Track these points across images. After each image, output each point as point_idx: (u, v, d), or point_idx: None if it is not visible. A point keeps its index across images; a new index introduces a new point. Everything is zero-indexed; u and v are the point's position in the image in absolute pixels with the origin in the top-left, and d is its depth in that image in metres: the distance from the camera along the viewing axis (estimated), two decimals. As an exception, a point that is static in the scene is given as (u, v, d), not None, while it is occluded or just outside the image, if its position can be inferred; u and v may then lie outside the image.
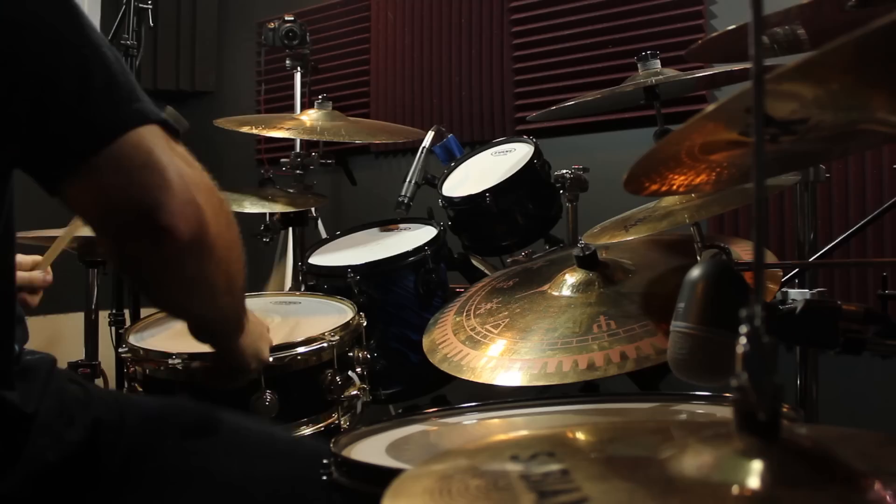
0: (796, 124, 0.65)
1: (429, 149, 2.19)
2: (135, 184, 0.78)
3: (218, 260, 0.87)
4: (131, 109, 0.80)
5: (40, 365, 0.98)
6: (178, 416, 1.09)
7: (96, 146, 0.77)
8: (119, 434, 0.99)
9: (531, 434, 0.62)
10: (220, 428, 1.09)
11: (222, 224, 0.87)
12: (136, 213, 0.79)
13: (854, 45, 0.51)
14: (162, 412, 1.10)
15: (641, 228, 1.40)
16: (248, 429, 1.14)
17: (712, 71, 1.62)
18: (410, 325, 1.81)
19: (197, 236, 0.81)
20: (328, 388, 1.45)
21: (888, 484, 0.47)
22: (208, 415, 1.11)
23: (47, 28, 0.78)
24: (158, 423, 1.06)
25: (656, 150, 0.78)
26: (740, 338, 0.48)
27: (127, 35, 2.41)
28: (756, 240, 0.50)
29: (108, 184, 0.78)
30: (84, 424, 0.97)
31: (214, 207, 0.85)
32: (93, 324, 2.16)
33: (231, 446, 1.08)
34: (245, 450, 1.09)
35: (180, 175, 0.80)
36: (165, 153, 0.80)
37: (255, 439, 1.12)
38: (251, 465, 1.07)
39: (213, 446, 1.06)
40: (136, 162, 0.78)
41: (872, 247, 2.27)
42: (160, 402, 1.17)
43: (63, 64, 0.78)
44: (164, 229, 0.79)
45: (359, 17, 3.48)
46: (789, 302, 0.84)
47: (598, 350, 1.25)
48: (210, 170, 0.90)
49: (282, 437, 1.20)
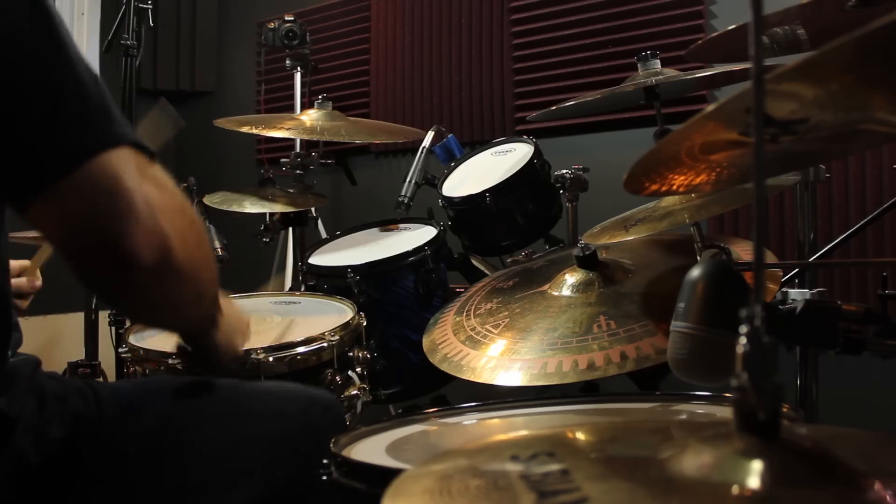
0: (796, 124, 0.65)
1: (429, 149, 2.19)
2: (99, 211, 0.76)
3: (185, 281, 0.86)
4: (102, 133, 0.78)
5: (23, 367, 0.98)
6: (157, 396, 1.08)
7: (62, 171, 0.75)
8: (98, 425, 0.98)
9: (531, 434, 0.62)
10: (201, 399, 1.09)
11: (191, 246, 0.85)
12: (99, 239, 0.77)
13: (854, 45, 0.51)
14: (138, 393, 1.09)
15: (641, 228, 1.40)
16: (234, 390, 1.13)
17: (712, 71, 1.62)
18: (410, 325, 1.81)
19: (161, 262, 0.80)
20: (328, 387, 1.45)
21: (888, 484, 0.47)
22: (187, 388, 1.10)
23: (23, 43, 0.75)
24: (137, 406, 1.05)
25: (656, 150, 0.78)
26: (740, 338, 0.48)
27: (127, 35, 2.41)
28: (756, 240, 0.50)
29: (72, 209, 0.76)
30: (63, 420, 0.96)
31: (183, 230, 0.83)
32: (93, 324, 2.16)
33: (214, 415, 1.07)
34: (230, 416, 1.08)
35: (147, 202, 0.78)
36: (134, 179, 0.78)
37: (242, 401, 1.11)
38: (238, 430, 1.06)
39: (196, 419, 1.06)
40: (102, 188, 0.76)
41: (872, 247, 2.27)
42: (135, 384, 1.16)
43: (36, 82, 0.75)
44: (127, 256, 0.77)
45: (359, 17, 3.48)
46: (789, 302, 0.84)
47: (598, 350, 1.25)
48: (210, 170, 0.90)
49: (271, 392, 1.18)
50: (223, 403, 1.10)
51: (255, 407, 1.11)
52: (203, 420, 1.06)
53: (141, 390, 1.13)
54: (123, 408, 1.03)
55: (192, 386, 1.10)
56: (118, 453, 0.99)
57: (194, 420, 1.06)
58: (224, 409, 1.09)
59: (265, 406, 1.12)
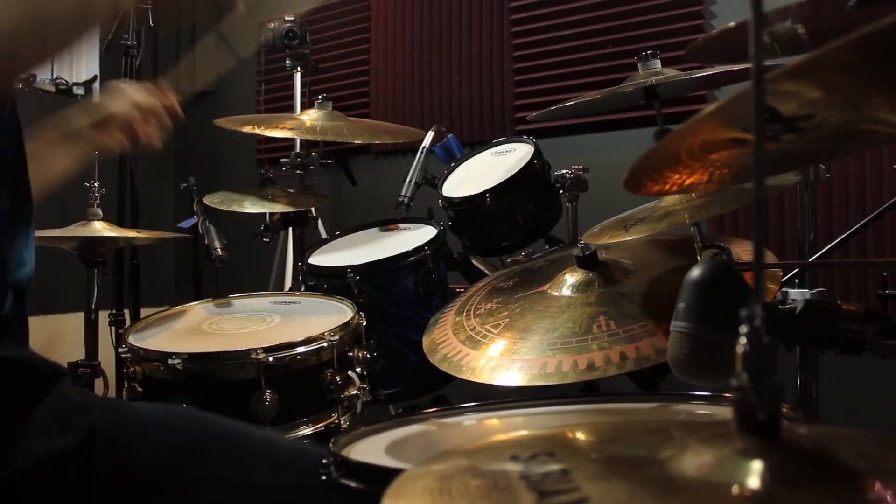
0: (803, 120, 0.65)
1: (429, 149, 2.19)
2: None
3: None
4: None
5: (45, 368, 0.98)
6: (177, 425, 1.09)
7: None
8: (114, 442, 0.99)
9: (531, 434, 0.62)
10: (219, 436, 1.09)
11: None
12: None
13: (854, 45, 0.51)
14: (159, 420, 1.09)
15: (641, 228, 1.40)
16: (248, 436, 1.13)
17: (712, 71, 1.62)
18: (410, 325, 1.81)
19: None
20: (328, 387, 1.45)
21: (888, 484, 0.47)
22: (207, 422, 1.11)
23: None
24: (156, 431, 1.06)
25: (656, 150, 0.78)
26: (740, 338, 0.48)
27: (127, 35, 2.42)
28: (756, 240, 0.50)
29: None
30: (79, 432, 0.97)
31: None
32: (93, 324, 2.16)
33: (229, 455, 1.07)
34: (244, 458, 1.08)
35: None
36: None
37: (255, 447, 1.11)
38: (249, 474, 1.06)
39: (211, 455, 1.06)
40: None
41: (872, 247, 2.27)
42: (158, 410, 1.16)
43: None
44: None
45: (359, 17, 3.49)
46: (789, 302, 0.84)
47: (598, 350, 1.25)
48: (210, 170, 0.90)
49: (283, 444, 1.19)
50: (238, 447, 1.10)
51: (267, 456, 1.11)
52: (217, 459, 1.06)
53: (161, 415, 1.12)
54: (141, 430, 1.04)
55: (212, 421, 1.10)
56: (131, 475, 1.00)
57: (209, 457, 1.06)
58: (238, 453, 1.09)
59: (276, 456, 1.11)
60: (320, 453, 1.17)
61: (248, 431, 1.14)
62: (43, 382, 0.99)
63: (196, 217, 2.21)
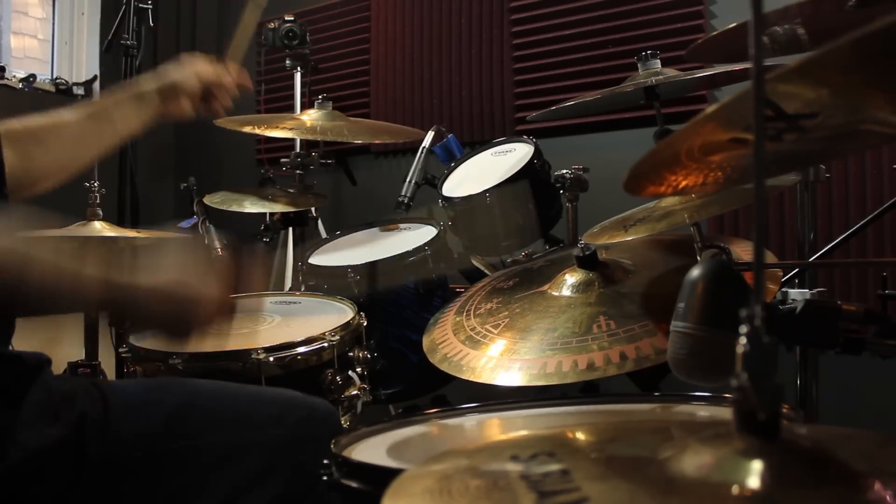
0: (806, 118, 0.65)
1: (429, 149, 2.19)
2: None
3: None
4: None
5: (29, 359, 0.98)
6: (163, 398, 1.09)
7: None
8: (105, 426, 0.99)
9: (531, 434, 0.62)
10: (206, 402, 1.09)
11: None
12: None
13: (854, 45, 0.51)
14: (146, 395, 1.10)
15: (641, 228, 1.40)
16: (235, 397, 1.13)
17: (712, 71, 1.61)
18: (410, 325, 1.81)
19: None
20: (328, 387, 1.45)
21: (888, 484, 0.47)
22: (193, 390, 1.11)
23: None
24: (143, 407, 1.06)
25: (656, 151, 0.78)
26: (740, 338, 0.48)
27: (127, 35, 2.42)
28: (756, 240, 0.50)
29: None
30: (69, 421, 0.97)
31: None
32: (93, 324, 2.16)
33: (219, 419, 1.07)
34: (234, 420, 1.08)
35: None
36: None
37: (243, 407, 1.12)
38: (241, 434, 1.07)
39: (200, 422, 1.06)
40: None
41: (872, 247, 2.27)
42: (143, 385, 1.16)
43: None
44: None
45: (359, 17, 3.48)
46: (789, 302, 0.84)
47: (598, 350, 1.25)
48: (210, 170, 0.90)
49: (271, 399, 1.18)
50: (226, 409, 1.10)
51: (256, 413, 1.11)
52: (207, 425, 1.06)
53: (147, 392, 1.13)
54: (129, 409, 1.04)
55: (197, 389, 1.10)
56: (124, 455, 1.00)
57: (199, 425, 1.06)
58: (227, 415, 1.09)
59: (266, 413, 1.12)
60: (308, 402, 1.17)
61: (234, 392, 1.14)
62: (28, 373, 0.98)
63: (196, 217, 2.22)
